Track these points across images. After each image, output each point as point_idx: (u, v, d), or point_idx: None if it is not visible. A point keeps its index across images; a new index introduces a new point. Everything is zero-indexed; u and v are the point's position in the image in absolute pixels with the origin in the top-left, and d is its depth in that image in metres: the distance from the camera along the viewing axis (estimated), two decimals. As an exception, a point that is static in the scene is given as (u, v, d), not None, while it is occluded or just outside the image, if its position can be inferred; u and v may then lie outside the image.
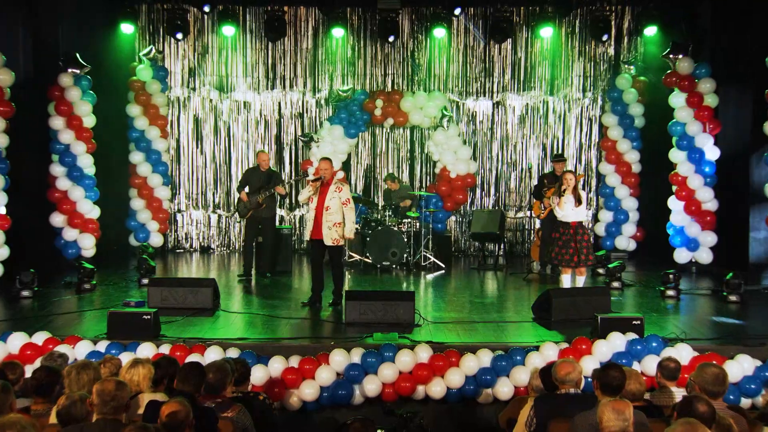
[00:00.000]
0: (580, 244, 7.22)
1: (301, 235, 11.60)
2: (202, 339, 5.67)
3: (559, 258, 7.26)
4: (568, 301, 6.56)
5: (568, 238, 7.20)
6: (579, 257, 7.22)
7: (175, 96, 11.28)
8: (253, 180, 8.70)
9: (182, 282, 7.26)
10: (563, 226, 7.25)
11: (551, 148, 11.38)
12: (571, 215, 7.21)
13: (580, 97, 11.28)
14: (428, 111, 10.88)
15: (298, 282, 8.79)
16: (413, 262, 9.75)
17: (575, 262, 7.26)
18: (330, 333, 6.14)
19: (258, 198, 8.51)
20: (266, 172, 8.70)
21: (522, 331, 6.22)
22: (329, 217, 6.86)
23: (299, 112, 11.43)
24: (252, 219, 8.69)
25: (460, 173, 10.86)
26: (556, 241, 7.35)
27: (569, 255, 7.20)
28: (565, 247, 7.21)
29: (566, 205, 7.15)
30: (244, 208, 8.65)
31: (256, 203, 8.55)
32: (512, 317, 6.74)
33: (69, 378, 3.68)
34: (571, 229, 7.22)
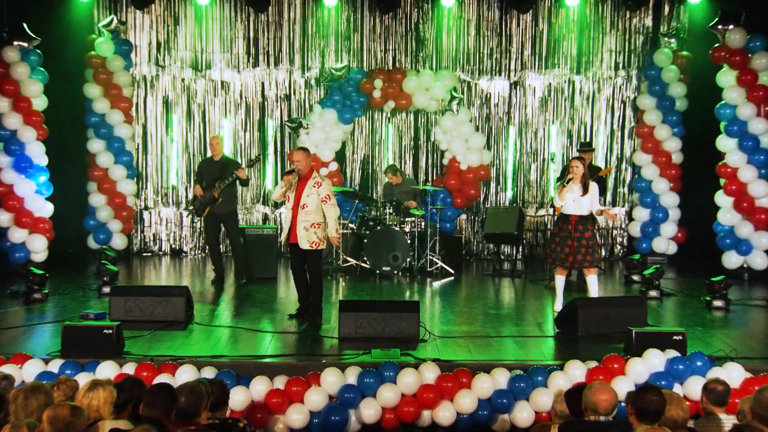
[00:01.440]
0: (578, 242, 7.14)
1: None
2: (173, 357, 5.66)
3: (553, 256, 7.26)
4: (597, 313, 6.55)
5: (565, 235, 7.17)
6: (576, 257, 7.15)
7: (141, 74, 11.26)
8: (207, 172, 8.75)
9: (150, 290, 7.25)
10: (563, 220, 7.24)
11: (577, 136, 11.37)
12: (571, 207, 7.18)
13: (612, 75, 11.27)
14: (435, 92, 10.87)
15: (284, 291, 8.78)
16: (418, 268, 9.74)
17: (570, 263, 7.22)
18: (321, 350, 6.13)
19: (213, 192, 8.53)
20: (221, 162, 8.73)
21: (544, 348, 6.21)
22: (306, 216, 6.82)
23: (286, 94, 11.41)
24: (211, 217, 8.74)
25: (471, 165, 10.85)
26: (553, 237, 7.35)
27: (564, 254, 7.16)
28: (561, 245, 7.18)
29: (567, 195, 7.13)
30: (200, 205, 8.70)
31: (211, 198, 8.58)
32: (532, 331, 6.73)
33: (15, 403, 3.66)
34: (569, 224, 7.17)
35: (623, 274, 9.57)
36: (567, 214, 7.21)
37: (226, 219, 8.79)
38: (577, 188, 7.17)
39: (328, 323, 6.92)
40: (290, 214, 6.90)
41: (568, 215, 7.20)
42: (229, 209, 8.79)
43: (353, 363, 5.52)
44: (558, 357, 5.86)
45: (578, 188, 7.17)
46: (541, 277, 9.54)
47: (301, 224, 6.81)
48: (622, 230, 11.54)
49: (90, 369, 5.37)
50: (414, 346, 6.08)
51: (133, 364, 5.42)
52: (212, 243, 8.92)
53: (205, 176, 8.74)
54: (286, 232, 6.94)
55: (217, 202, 8.59)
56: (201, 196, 8.64)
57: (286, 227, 6.97)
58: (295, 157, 6.94)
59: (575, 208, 7.18)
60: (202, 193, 8.64)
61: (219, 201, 8.58)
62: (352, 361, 5.58)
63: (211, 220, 8.78)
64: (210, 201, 8.60)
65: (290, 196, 6.90)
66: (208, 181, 8.67)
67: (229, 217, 8.82)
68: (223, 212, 8.71)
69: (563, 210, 7.23)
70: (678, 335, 5.75)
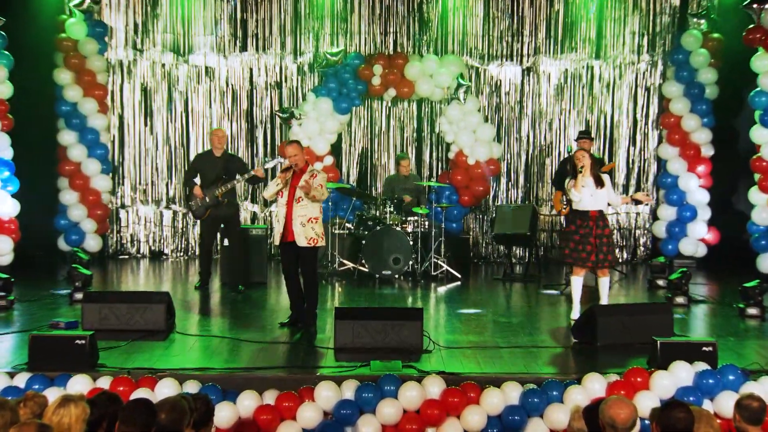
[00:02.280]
0: (600, 240, 7.14)
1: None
2: (153, 369, 5.65)
3: (573, 256, 7.21)
4: (618, 321, 6.54)
5: (586, 232, 7.15)
6: (597, 256, 7.15)
7: (117, 59, 11.26)
8: (206, 169, 8.64)
9: (127, 297, 7.24)
10: (580, 216, 7.21)
11: (596, 126, 11.36)
12: (589, 202, 7.17)
13: (635, 60, 11.27)
14: (440, 79, 10.86)
15: (274, 296, 8.77)
16: (421, 272, 9.74)
17: (593, 262, 7.20)
18: (316, 361, 6.12)
19: (217, 192, 8.47)
20: (223, 158, 8.65)
21: (559, 359, 6.21)
22: (301, 211, 6.84)
23: (276, 81, 11.41)
24: (212, 219, 8.65)
25: (480, 158, 10.85)
26: (570, 235, 7.28)
27: (586, 253, 7.15)
28: (582, 243, 7.16)
29: (584, 189, 7.12)
30: (201, 207, 8.58)
31: (214, 199, 8.50)
32: (547, 341, 6.73)
33: (-23, 421, 3.65)
34: (590, 220, 7.17)
35: (647, 278, 9.56)
36: (584, 209, 7.19)
37: (228, 221, 8.72)
38: (590, 181, 7.16)
39: (323, 332, 6.91)
40: (284, 210, 6.89)
41: (586, 211, 7.18)
42: (233, 210, 8.76)
43: (350, 376, 5.51)
44: (575, 370, 5.86)
45: (591, 181, 7.16)
46: (557, 282, 9.53)
47: (297, 219, 6.82)
48: (645, 230, 11.54)
49: (60, 383, 5.36)
50: (417, 358, 6.07)
51: (109, 378, 5.41)
52: (209, 247, 8.86)
53: (203, 173, 8.63)
54: (279, 231, 6.93)
55: (222, 204, 8.53)
56: (201, 197, 8.51)
57: (278, 226, 6.96)
58: (290, 152, 6.92)
59: (593, 203, 7.17)
60: (202, 194, 8.51)
61: (224, 202, 8.52)
62: (349, 374, 5.58)
63: (212, 223, 8.68)
64: (212, 202, 8.51)
65: (283, 192, 6.90)
66: (207, 179, 8.55)
67: (233, 219, 8.78)
68: (227, 213, 8.64)
69: (579, 206, 7.21)
70: (708, 346, 5.73)
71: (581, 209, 7.21)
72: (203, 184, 8.59)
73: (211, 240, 8.87)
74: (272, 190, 6.94)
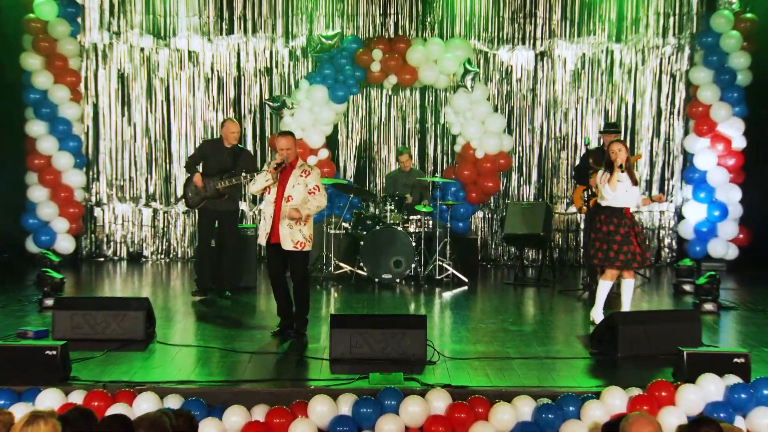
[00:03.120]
0: (640, 238, 7.27)
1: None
2: (130, 383, 5.64)
3: (621, 259, 7.23)
4: (640, 330, 6.54)
5: (627, 231, 7.21)
6: (644, 255, 7.29)
7: (91, 42, 11.26)
8: (213, 158, 8.60)
9: (102, 303, 7.23)
10: (616, 214, 7.25)
11: (616, 116, 11.35)
12: (623, 198, 7.22)
13: (659, 44, 11.27)
14: (445, 65, 10.86)
15: (265, 302, 8.76)
16: (424, 275, 9.74)
17: (639, 262, 7.30)
18: (309, 374, 6.12)
19: (218, 184, 8.45)
20: (232, 150, 8.63)
21: (576, 372, 6.20)
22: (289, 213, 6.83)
23: (266, 67, 11.41)
24: (207, 212, 8.61)
25: (489, 152, 10.85)
26: (611, 236, 7.28)
27: (632, 253, 7.21)
28: (626, 242, 7.20)
29: (620, 185, 7.15)
30: (197, 195, 8.55)
31: (213, 191, 8.49)
32: (562, 351, 6.73)
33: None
34: (627, 218, 7.26)
35: (672, 283, 9.55)
36: (618, 207, 7.24)
37: (225, 218, 8.67)
38: (625, 176, 7.21)
39: (317, 342, 6.91)
40: (271, 209, 6.88)
41: (620, 208, 7.25)
42: (232, 207, 8.73)
43: (347, 390, 5.51)
44: (594, 383, 5.84)
45: (626, 176, 7.21)
46: (574, 287, 9.52)
47: (284, 221, 6.81)
48: (670, 231, 11.54)
49: (29, 398, 5.35)
50: (420, 370, 6.07)
51: (82, 392, 5.40)
52: (205, 246, 8.71)
53: (208, 161, 8.59)
54: (266, 231, 6.91)
55: (222, 198, 8.50)
56: (201, 186, 8.47)
57: (264, 225, 6.94)
58: (283, 144, 6.88)
59: (627, 200, 7.25)
60: (203, 183, 8.47)
61: (225, 197, 8.51)
62: (345, 388, 5.57)
63: (209, 217, 8.62)
64: (211, 193, 8.47)
65: (271, 188, 6.89)
66: (211, 169, 8.52)
67: (231, 215, 8.74)
68: (225, 209, 8.60)
69: (613, 202, 7.25)
70: (740, 357, 5.72)
71: (616, 206, 7.25)
72: (205, 173, 8.55)
73: (206, 236, 8.71)
74: (260, 185, 6.90)
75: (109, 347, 6.55)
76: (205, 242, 8.72)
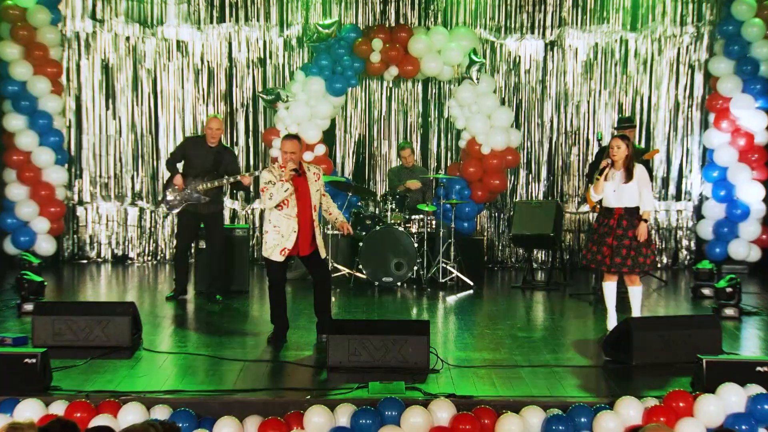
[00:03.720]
0: (620, 241, 7.16)
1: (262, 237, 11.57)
2: (115, 392, 5.65)
3: (588, 257, 7.38)
4: (657, 337, 6.54)
5: (604, 231, 7.23)
6: (613, 260, 7.18)
7: (73, 31, 11.26)
8: (195, 157, 8.62)
9: (86, 308, 7.23)
10: (604, 213, 7.30)
11: (631, 110, 11.35)
12: (612, 198, 7.22)
13: (677, 33, 11.26)
14: (450, 56, 10.86)
15: (257, 307, 8.78)
16: (427, 279, 9.74)
17: (607, 266, 7.26)
18: (305, 382, 6.12)
19: (201, 186, 8.46)
20: (216, 149, 8.64)
21: (588, 381, 6.21)
22: (315, 219, 7.00)
23: (260, 58, 11.40)
24: (190, 214, 8.65)
25: (496, 148, 10.85)
26: (592, 233, 7.43)
27: (601, 254, 7.23)
28: (599, 243, 7.25)
29: (607, 185, 7.19)
30: (178, 198, 8.59)
31: (195, 193, 8.50)
32: (573, 359, 6.74)
33: None
34: (611, 218, 7.23)
35: (690, 287, 9.56)
36: (609, 207, 7.27)
37: (210, 219, 8.71)
38: (618, 174, 7.20)
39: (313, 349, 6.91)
40: (294, 223, 6.88)
41: (611, 208, 7.26)
42: (216, 209, 8.75)
43: (345, 399, 5.51)
44: (607, 393, 5.85)
45: (620, 174, 7.19)
46: (585, 291, 9.52)
47: (317, 229, 7.02)
48: (688, 231, 11.54)
49: (7, 409, 5.35)
50: (423, 378, 6.07)
51: (64, 403, 5.40)
52: (184, 248, 8.84)
53: (190, 161, 8.61)
54: (286, 246, 6.86)
55: (203, 201, 8.52)
56: (180, 188, 8.51)
57: (281, 240, 6.85)
58: (290, 148, 6.87)
59: (617, 199, 7.22)
60: (183, 185, 8.51)
61: (206, 200, 8.52)
62: (344, 397, 5.58)
63: (190, 219, 8.67)
64: (191, 197, 8.50)
65: (288, 201, 6.88)
66: (193, 169, 8.55)
67: (215, 218, 8.77)
68: (208, 211, 8.64)
69: (604, 203, 7.29)
70: (763, 366, 5.71)
71: (607, 206, 7.30)
72: (187, 173, 8.58)
73: (188, 241, 8.84)
74: (280, 197, 6.80)
75: (93, 355, 6.54)
76: (185, 245, 8.81)
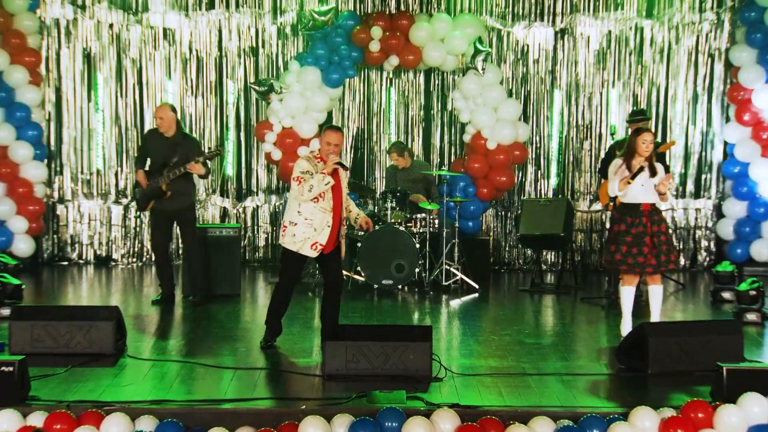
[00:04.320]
0: (657, 238, 7.19)
1: (254, 238, 11.58)
2: (98, 403, 5.64)
3: (629, 262, 7.25)
4: (674, 343, 6.54)
5: (639, 231, 7.19)
6: (659, 258, 7.20)
7: (53, 18, 11.26)
8: (154, 150, 8.68)
9: (67, 313, 7.22)
10: (631, 212, 7.26)
11: (646, 102, 11.35)
12: (640, 193, 7.21)
13: (695, 20, 11.26)
14: (453, 45, 10.85)
15: (250, 312, 8.79)
16: (430, 281, 9.75)
17: (653, 266, 7.24)
18: (300, 391, 6.12)
19: (160, 182, 8.50)
20: (172, 140, 8.64)
21: (601, 390, 6.21)
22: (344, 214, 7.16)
23: (252, 47, 11.40)
24: (159, 213, 8.70)
25: (502, 142, 10.85)
26: (621, 236, 7.30)
27: (643, 256, 7.19)
28: (636, 245, 7.19)
29: (636, 179, 7.17)
30: (143, 197, 8.66)
31: (157, 189, 8.53)
32: (585, 367, 6.73)
33: None
34: (643, 216, 7.22)
35: (710, 290, 9.56)
36: (634, 203, 7.23)
37: (180, 216, 8.74)
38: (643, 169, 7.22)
39: (309, 356, 6.93)
40: (329, 217, 6.92)
41: (636, 204, 7.22)
42: (185, 204, 8.74)
43: (343, 410, 5.51)
44: (620, 402, 5.84)
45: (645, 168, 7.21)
46: (598, 295, 9.52)
47: (343, 227, 7.13)
48: (707, 231, 11.53)
49: (-17, 419, 5.35)
50: (425, 387, 6.07)
51: (43, 414, 5.39)
52: (160, 248, 8.83)
53: (151, 155, 8.67)
54: (319, 242, 6.89)
55: (165, 196, 8.55)
56: (145, 184, 8.55)
57: (313, 234, 6.87)
58: (335, 140, 6.89)
59: (645, 194, 7.22)
60: (146, 181, 8.55)
61: (168, 195, 8.54)
62: (341, 407, 5.58)
63: (160, 217, 8.70)
64: (156, 193, 8.54)
65: (325, 193, 6.90)
66: (155, 163, 8.60)
67: (184, 214, 8.77)
68: (177, 207, 8.66)
69: (628, 198, 7.24)
70: (786, 374, 5.73)
71: (630, 202, 7.24)
72: (150, 169, 8.64)
73: (162, 240, 8.84)
74: (320, 189, 6.80)
75: (74, 362, 6.53)
76: (160, 245, 8.83)
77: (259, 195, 11.66)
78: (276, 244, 11.63)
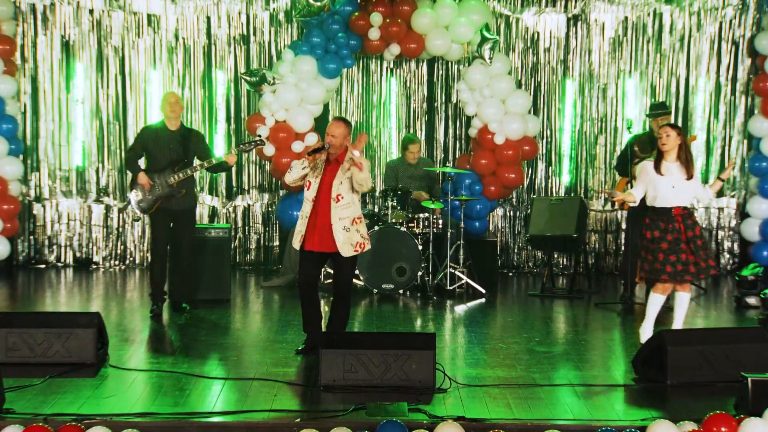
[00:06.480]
0: (694, 244, 7.20)
1: (245, 239, 11.58)
2: (78, 416, 5.65)
3: (669, 270, 7.24)
4: (695, 352, 6.54)
5: (676, 237, 7.20)
6: (698, 265, 7.22)
7: (29, 3, 11.27)
8: (157, 148, 8.58)
9: (44, 319, 7.23)
10: (662, 217, 7.25)
11: (665, 94, 11.37)
12: (671, 196, 7.21)
13: (718, 5, 11.28)
14: (459, 32, 10.86)
15: (240, 318, 8.79)
16: (433, 285, 9.76)
17: (693, 274, 7.26)
18: (294, 403, 6.13)
19: (172, 179, 8.45)
20: (180, 133, 8.64)
21: (616, 402, 6.22)
22: (343, 212, 6.94)
23: (242, 35, 11.41)
24: (161, 213, 8.63)
25: (511, 137, 10.85)
26: (655, 242, 7.30)
27: (682, 264, 7.20)
28: (673, 252, 7.19)
29: (662, 180, 7.18)
30: (147, 198, 8.56)
31: (167, 189, 8.49)
32: (599, 377, 6.75)
33: None
34: (676, 221, 7.23)
35: (733, 295, 9.57)
36: (667, 207, 7.23)
37: (181, 218, 8.68)
38: (675, 168, 7.20)
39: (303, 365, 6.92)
40: (309, 208, 6.96)
41: (669, 208, 7.23)
42: (188, 205, 8.72)
43: (340, 423, 5.52)
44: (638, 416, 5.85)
45: (677, 168, 7.19)
46: (613, 300, 9.53)
47: (339, 223, 6.93)
48: (731, 231, 11.54)
49: (-45, 433, 5.36)
50: (428, 399, 6.07)
51: (19, 427, 5.40)
52: (161, 252, 8.72)
53: (152, 153, 8.57)
54: (301, 233, 6.97)
55: (178, 195, 8.50)
56: (148, 186, 8.45)
57: (300, 228, 6.98)
58: (334, 131, 6.94)
59: (677, 197, 7.22)
60: (149, 182, 8.44)
61: (183, 193, 8.50)
62: (338, 420, 5.59)
63: (162, 219, 8.63)
64: (167, 193, 8.48)
65: (311, 183, 6.94)
66: (158, 162, 8.51)
67: (187, 216, 8.74)
68: (181, 208, 8.61)
69: (659, 202, 7.24)
70: (815, 384, 5.74)
71: (661, 206, 7.24)
72: (151, 168, 8.52)
73: (160, 241, 8.68)
74: (297, 173, 6.91)
75: (52, 372, 6.54)
76: (160, 249, 8.75)
77: (251, 193, 11.67)
78: (268, 245, 11.66)
